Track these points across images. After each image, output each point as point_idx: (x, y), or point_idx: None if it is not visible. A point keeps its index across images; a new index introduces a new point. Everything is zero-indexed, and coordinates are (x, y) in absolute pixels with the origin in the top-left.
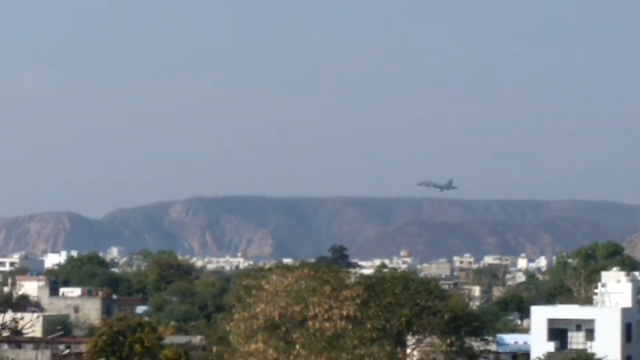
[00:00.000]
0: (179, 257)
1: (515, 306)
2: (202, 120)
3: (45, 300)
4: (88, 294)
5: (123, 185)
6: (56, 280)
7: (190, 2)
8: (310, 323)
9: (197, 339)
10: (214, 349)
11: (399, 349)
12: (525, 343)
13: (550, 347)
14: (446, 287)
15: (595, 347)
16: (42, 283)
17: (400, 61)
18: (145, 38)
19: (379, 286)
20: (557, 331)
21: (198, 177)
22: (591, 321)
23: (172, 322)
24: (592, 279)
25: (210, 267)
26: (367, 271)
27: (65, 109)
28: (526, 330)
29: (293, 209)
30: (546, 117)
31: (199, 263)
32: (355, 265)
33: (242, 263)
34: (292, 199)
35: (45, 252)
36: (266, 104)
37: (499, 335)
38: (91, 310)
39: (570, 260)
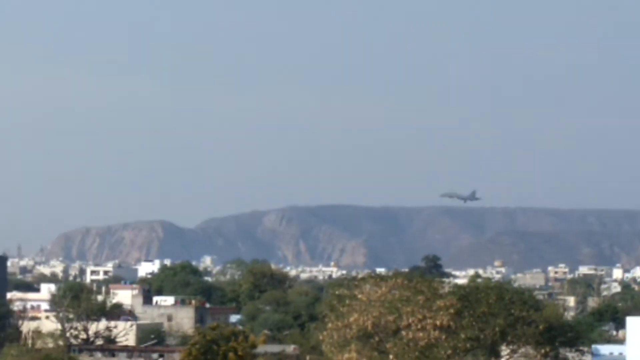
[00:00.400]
0: (273, 266)
1: (611, 317)
2: (297, 129)
3: (139, 308)
4: (181, 302)
5: (217, 194)
6: (149, 289)
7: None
8: (403, 333)
9: (290, 348)
10: (307, 357)
11: (493, 359)
12: (621, 354)
13: None
14: (540, 297)
15: None
16: (135, 292)
17: (494, 71)
18: (247, 49)
19: (473, 296)
20: None
21: (292, 186)
22: None
23: (265, 331)
24: None
25: (304, 276)
26: (461, 281)
27: (160, 118)
28: (621, 341)
29: (386, 218)
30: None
31: (293, 272)
32: (448, 275)
33: (335, 272)
34: (386, 208)
35: (138, 260)
36: (359, 112)
37: (594, 346)
38: (184, 319)
39: None
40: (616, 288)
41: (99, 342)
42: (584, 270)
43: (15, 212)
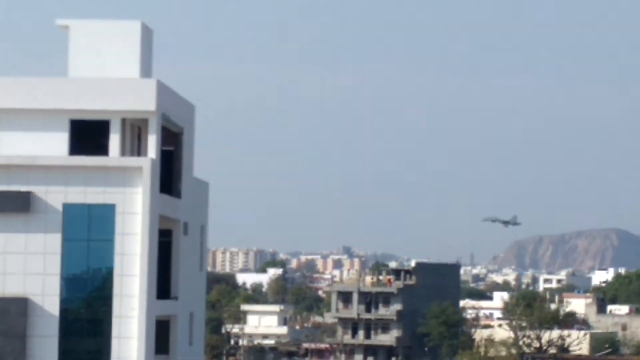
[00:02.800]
0: None
1: None
2: None
3: (593, 317)
4: (636, 311)
5: None
6: (604, 298)
7: None
8: None
9: None
10: None
11: None
12: None
13: None
14: None
15: None
16: (589, 300)
17: None
18: None
19: None
20: None
21: None
22: None
23: None
24: None
25: None
26: None
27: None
28: None
29: None
30: None
31: None
32: None
33: None
34: None
35: (592, 269)
36: None
37: None
38: (639, 328)
39: None
40: None
41: (552, 350)
42: None
43: (467, 221)
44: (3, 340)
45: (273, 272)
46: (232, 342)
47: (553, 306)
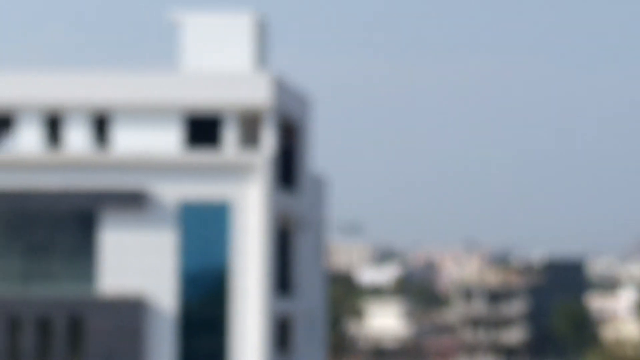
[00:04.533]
0: None
1: None
2: None
3: None
4: None
5: None
6: None
7: None
8: None
9: None
10: None
11: None
12: None
13: None
14: None
15: None
16: None
17: None
18: None
19: None
20: None
21: None
22: None
23: None
24: None
25: None
26: None
27: None
28: None
29: None
30: None
31: None
32: None
33: None
34: None
35: None
36: None
37: None
38: None
39: None
40: None
41: None
42: None
43: (594, 214)
44: (118, 340)
45: (392, 268)
46: (351, 340)
47: None
